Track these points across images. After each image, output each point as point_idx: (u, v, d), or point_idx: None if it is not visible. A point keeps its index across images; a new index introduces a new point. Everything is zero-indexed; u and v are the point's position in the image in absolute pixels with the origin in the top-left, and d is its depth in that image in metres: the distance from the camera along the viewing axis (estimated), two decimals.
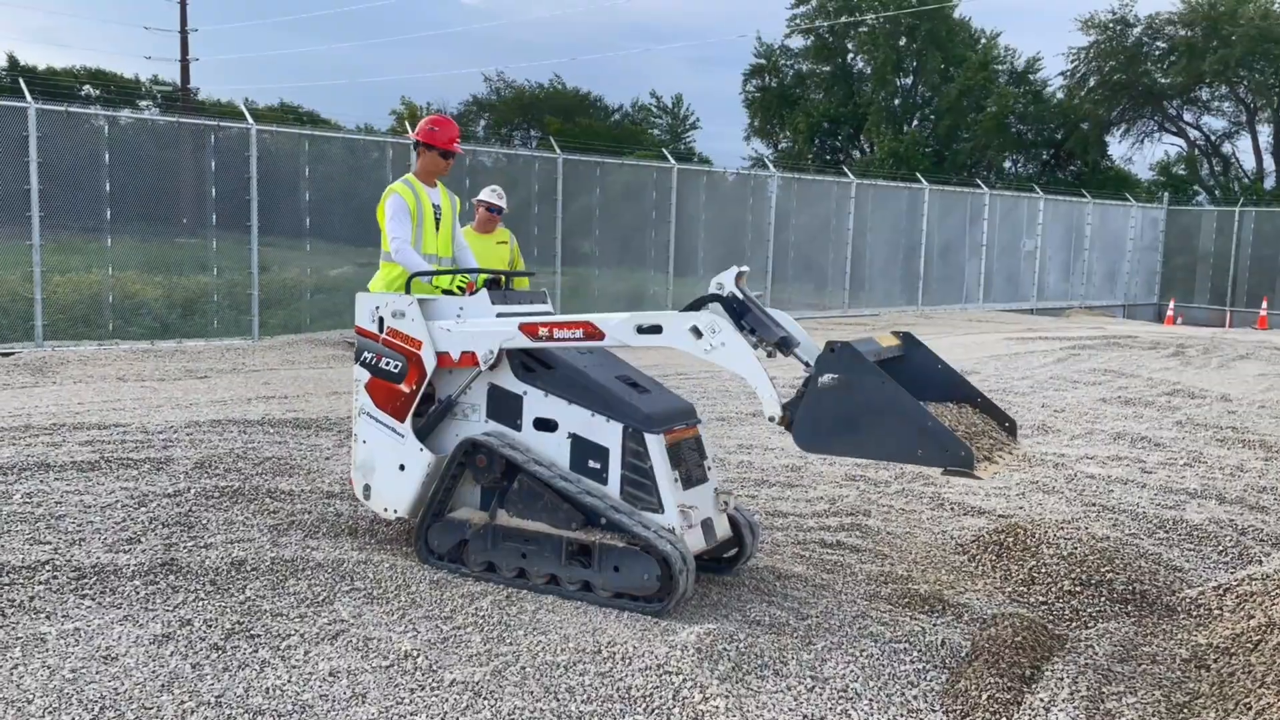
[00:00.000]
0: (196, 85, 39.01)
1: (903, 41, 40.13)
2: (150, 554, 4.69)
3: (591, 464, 4.42)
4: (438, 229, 5.35)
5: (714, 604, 4.42)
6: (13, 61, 35.41)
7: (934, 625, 4.26)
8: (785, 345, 4.24)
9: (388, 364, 4.76)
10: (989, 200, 23.17)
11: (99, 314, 12.20)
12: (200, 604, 4.20)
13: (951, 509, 6.09)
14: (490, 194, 7.68)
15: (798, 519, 5.80)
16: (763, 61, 43.64)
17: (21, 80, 12.90)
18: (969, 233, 22.96)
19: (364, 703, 3.43)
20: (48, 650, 3.72)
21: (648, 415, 4.35)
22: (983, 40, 40.54)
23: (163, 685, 3.48)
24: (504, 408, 4.63)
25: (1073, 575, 4.68)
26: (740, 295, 4.29)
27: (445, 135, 5.37)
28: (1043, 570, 4.77)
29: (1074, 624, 4.38)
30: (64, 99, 13.69)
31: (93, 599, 4.22)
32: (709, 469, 4.58)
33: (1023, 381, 11.28)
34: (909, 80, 42.01)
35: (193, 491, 5.73)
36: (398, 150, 14.39)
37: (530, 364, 4.59)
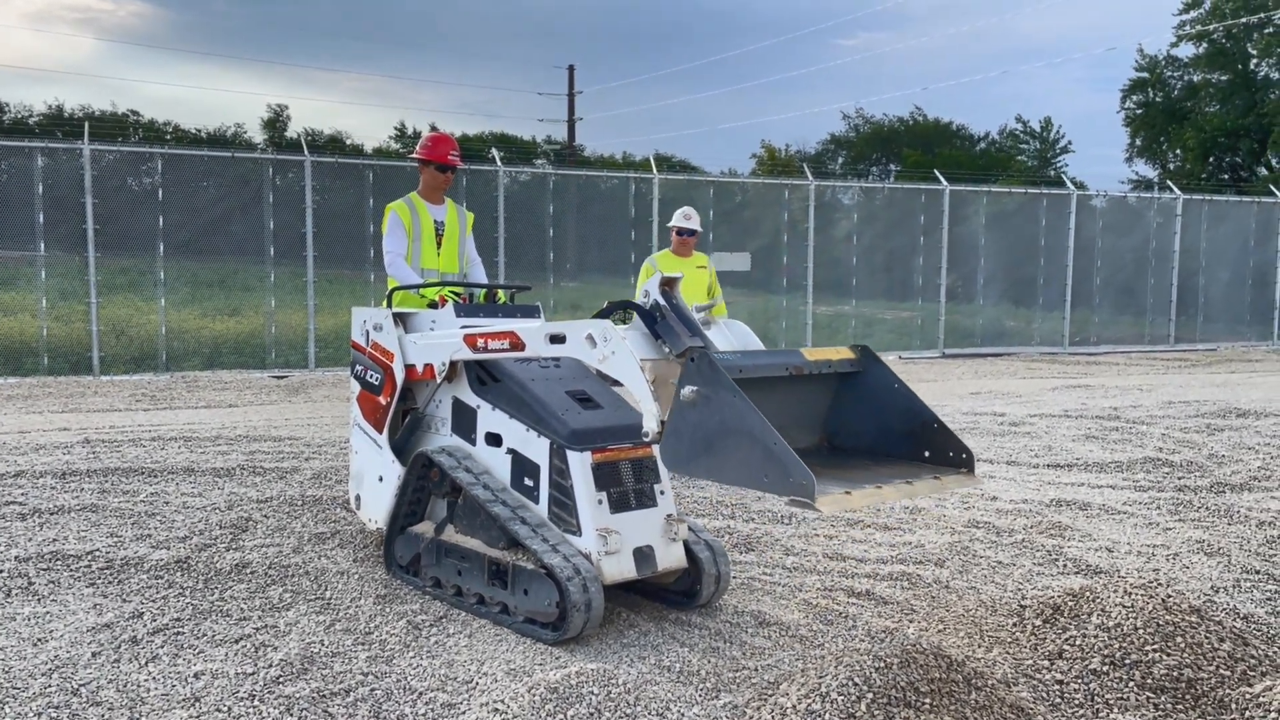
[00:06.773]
0: (582, 143, 42.49)
1: None
2: (178, 551, 5.01)
3: (527, 481, 4.15)
4: (440, 244, 5.34)
5: (646, 644, 3.95)
6: (433, 129, 40.70)
7: None
8: None
9: (371, 376, 4.78)
10: None
11: None
12: (174, 600, 4.40)
13: (1062, 567, 5.06)
14: (680, 217, 7.52)
15: (856, 563, 5.08)
16: (1145, 75, 39.80)
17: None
18: None
19: (192, 705, 3.40)
20: (3, 629, 4.06)
21: (575, 431, 4.00)
22: None
23: (48, 670, 3.66)
24: (463, 421, 4.47)
25: (1108, 651, 3.67)
26: (663, 303, 3.85)
27: (439, 150, 5.41)
28: (1078, 643, 3.79)
29: (1081, 712, 3.44)
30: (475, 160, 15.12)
31: (96, 588, 4.55)
32: (660, 494, 4.13)
33: None
34: None
35: (282, 499, 6.08)
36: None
37: (484, 377, 4.41)
